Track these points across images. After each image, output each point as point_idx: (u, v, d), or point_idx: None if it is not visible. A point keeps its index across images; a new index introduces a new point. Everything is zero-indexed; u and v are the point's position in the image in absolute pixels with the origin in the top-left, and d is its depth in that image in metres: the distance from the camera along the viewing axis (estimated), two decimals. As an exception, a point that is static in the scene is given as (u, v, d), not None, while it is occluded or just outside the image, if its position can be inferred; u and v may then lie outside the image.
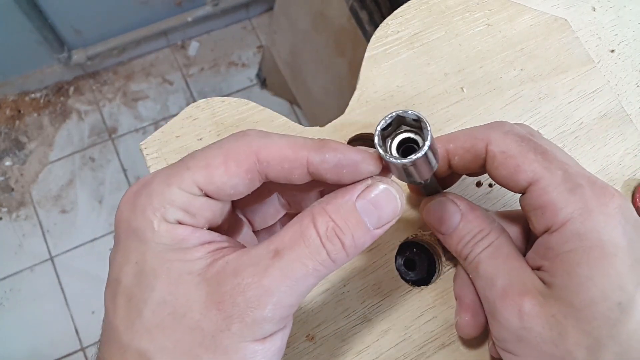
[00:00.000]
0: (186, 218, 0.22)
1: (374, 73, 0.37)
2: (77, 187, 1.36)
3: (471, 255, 0.29)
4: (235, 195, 0.23)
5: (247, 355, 0.21)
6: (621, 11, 0.42)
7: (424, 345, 0.32)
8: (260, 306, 0.20)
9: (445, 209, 0.29)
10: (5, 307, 1.26)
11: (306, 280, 0.21)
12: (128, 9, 1.29)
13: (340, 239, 0.21)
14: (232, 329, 0.21)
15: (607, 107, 0.38)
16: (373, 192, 0.22)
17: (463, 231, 0.29)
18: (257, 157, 0.22)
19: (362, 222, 0.22)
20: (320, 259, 0.21)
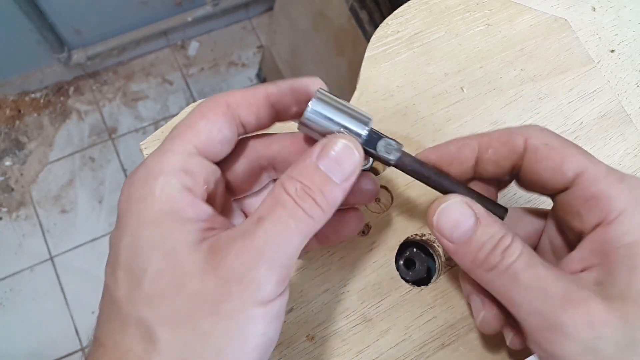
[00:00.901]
0: (186, 179, 0.23)
1: (374, 73, 0.37)
2: (77, 187, 1.36)
3: (502, 265, 0.25)
4: (224, 142, 0.25)
5: (249, 319, 0.22)
6: (621, 11, 0.42)
7: (424, 345, 0.32)
8: (254, 266, 0.21)
9: (462, 212, 0.26)
10: (5, 307, 1.26)
11: (291, 238, 0.22)
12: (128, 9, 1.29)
13: (311, 197, 0.23)
14: (233, 293, 0.21)
15: (607, 107, 0.38)
16: (331, 149, 0.24)
17: (484, 237, 0.26)
18: (226, 103, 0.25)
19: (328, 178, 0.23)
20: (298, 216, 0.22)
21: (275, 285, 0.22)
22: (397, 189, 0.35)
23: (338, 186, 0.24)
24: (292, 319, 0.32)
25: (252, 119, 0.26)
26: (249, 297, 0.21)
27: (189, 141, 0.24)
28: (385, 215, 0.34)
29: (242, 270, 0.21)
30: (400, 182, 0.35)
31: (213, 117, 0.25)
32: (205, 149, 0.24)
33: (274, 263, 0.22)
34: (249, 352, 0.22)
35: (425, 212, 0.35)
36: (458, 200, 0.26)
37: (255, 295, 0.22)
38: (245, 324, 0.21)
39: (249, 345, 0.22)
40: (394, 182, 0.35)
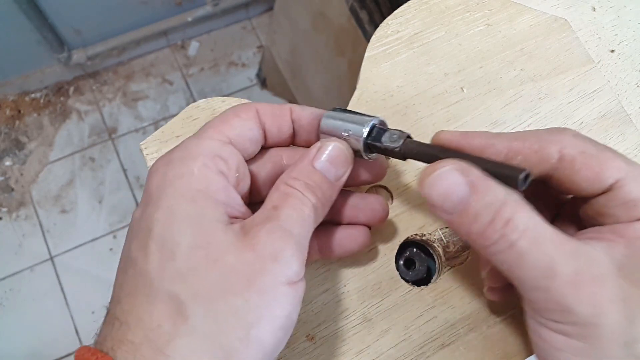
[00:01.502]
0: (221, 164, 0.25)
1: (374, 73, 0.37)
2: (77, 187, 1.36)
3: (503, 242, 0.23)
4: (253, 141, 0.27)
5: (278, 297, 0.22)
6: (621, 11, 0.42)
7: (424, 345, 0.32)
8: (285, 245, 0.23)
9: (453, 180, 0.24)
10: (5, 307, 1.26)
11: (308, 222, 0.24)
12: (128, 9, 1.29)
13: (315, 194, 0.25)
14: (267, 269, 0.22)
15: (607, 107, 0.38)
16: (325, 152, 0.26)
17: (478, 207, 0.23)
18: (255, 109, 0.28)
19: (324, 178, 0.26)
20: (309, 206, 0.25)
21: (300, 266, 0.23)
22: (397, 189, 0.35)
23: (333, 185, 0.26)
24: (292, 319, 0.32)
25: (275, 129, 0.28)
26: (281, 275, 0.22)
27: (224, 132, 0.26)
28: (385, 215, 0.34)
29: (275, 248, 0.23)
30: (400, 182, 0.35)
31: (245, 116, 0.27)
32: (237, 142, 0.26)
33: (299, 244, 0.23)
34: (276, 330, 0.22)
35: (425, 212, 0.35)
36: (448, 167, 0.24)
37: (286, 273, 0.23)
38: (275, 302, 0.22)
39: (276, 323, 0.22)
40: (394, 182, 0.35)
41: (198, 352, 0.21)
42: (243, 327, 0.21)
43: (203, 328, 0.21)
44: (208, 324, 0.21)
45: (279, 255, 0.23)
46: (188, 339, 0.21)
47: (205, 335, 0.21)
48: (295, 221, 0.24)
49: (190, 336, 0.21)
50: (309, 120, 0.29)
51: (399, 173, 0.35)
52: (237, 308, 0.22)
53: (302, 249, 0.24)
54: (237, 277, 0.22)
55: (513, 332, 0.33)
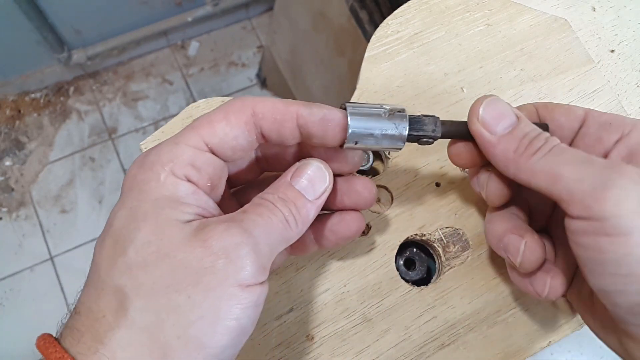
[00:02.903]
0: (192, 172, 0.24)
1: (374, 73, 0.37)
2: (77, 187, 1.36)
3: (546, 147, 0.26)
4: (236, 149, 0.25)
5: (226, 297, 0.22)
6: (621, 11, 0.42)
7: (423, 345, 0.32)
8: (240, 244, 0.22)
9: (504, 106, 0.28)
10: (5, 307, 1.26)
11: (273, 230, 0.24)
12: (128, 9, 1.29)
13: (288, 208, 0.25)
14: (217, 267, 0.22)
15: (607, 107, 0.38)
16: (304, 170, 0.26)
17: (527, 128, 0.27)
18: (253, 110, 0.25)
19: (300, 195, 0.25)
20: (278, 217, 0.24)
21: (256, 270, 0.22)
22: (397, 189, 0.35)
23: (310, 202, 0.26)
24: (292, 319, 0.32)
25: (274, 135, 0.26)
26: (231, 275, 0.22)
27: (204, 138, 0.25)
28: (385, 215, 0.34)
29: (228, 246, 0.22)
30: (400, 182, 0.35)
31: (234, 121, 0.25)
32: (217, 149, 0.25)
33: (257, 247, 0.23)
34: (219, 334, 0.22)
35: (425, 212, 0.35)
36: (501, 99, 0.28)
37: (237, 274, 0.22)
38: (220, 302, 0.22)
39: (219, 326, 0.22)
40: (394, 182, 0.35)
41: (135, 345, 0.21)
42: (182, 324, 0.21)
43: (142, 321, 0.21)
44: (147, 318, 0.21)
45: (231, 254, 0.22)
46: (126, 330, 0.21)
47: (143, 329, 0.21)
48: (259, 225, 0.23)
49: (128, 328, 0.21)
50: (320, 127, 0.25)
51: (399, 173, 0.35)
52: (178, 304, 0.21)
53: (261, 254, 0.23)
54: (184, 273, 0.22)
55: (513, 332, 0.33)
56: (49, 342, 0.22)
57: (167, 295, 0.21)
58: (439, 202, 0.35)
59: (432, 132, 0.28)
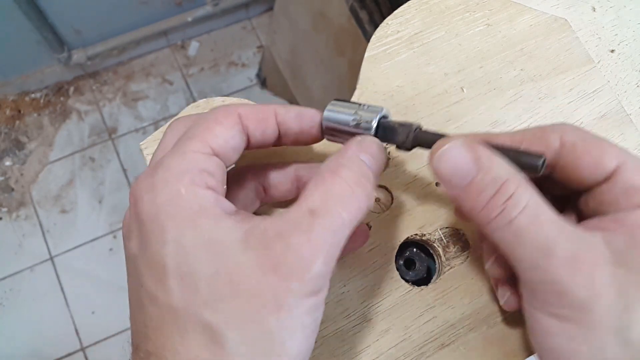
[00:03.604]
0: (209, 179, 0.23)
1: (374, 73, 0.37)
2: (77, 187, 1.36)
3: (502, 218, 0.24)
4: (236, 149, 0.26)
5: (307, 309, 0.22)
6: (621, 11, 0.42)
7: (424, 345, 0.32)
8: (314, 262, 0.22)
9: (461, 155, 0.25)
10: (5, 307, 1.26)
11: (343, 230, 0.23)
12: (128, 9, 1.29)
13: (364, 188, 0.24)
14: (292, 288, 0.21)
15: (607, 107, 0.38)
16: (370, 146, 0.25)
17: (483, 181, 0.24)
18: (238, 113, 0.26)
19: (369, 172, 0.25)
20: (352, 209, 0.23)
21: (325, 277, 0.23)
22: (397, 189, 0.35)
23: (372, 181, 0.25)
24: (292, 319, 0.32)
25: (258, 133, 0.27)
26: (308, 290, 0.22)
27: (207, 143, 0.24)
28: (385, 215, 0.34)
29: (302, 267, 0.22)
30: (400, 182, 0.35)
31: (228, 123, 0.25)
32: (220, 152, 0.25)
33: (329, 256, 0.22)
34: (308, 337, 0.23)
35: (425, 212, 0.35)
36: (458, 143, 0.25)
37: (310, 287, 0.22)
38: (302, 315, 0.22)
39: (305, 333, 0.22)
40: (394, 182, 0.35)
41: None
42: (280, 343, 0.22)
43: (241, 352, 0.21)
44: (245, 348, 0.21)
45: (305, 274, 0.22)
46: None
47: (246, 358, 0.21)
48: (331, 233, 0.22)
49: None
50: (295, 122, 0.28)
51: (399, 173, 0.35)
52: (270, 328, 0.21)
53: (332, 259, 0.23)
54: (264, 299, 0.22)
55: (513, 332, 0.33)
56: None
57: (256, 322, 0.21)
58: (439, 202, 0.35)
59: (401, 143, 0.27)
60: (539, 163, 0.24)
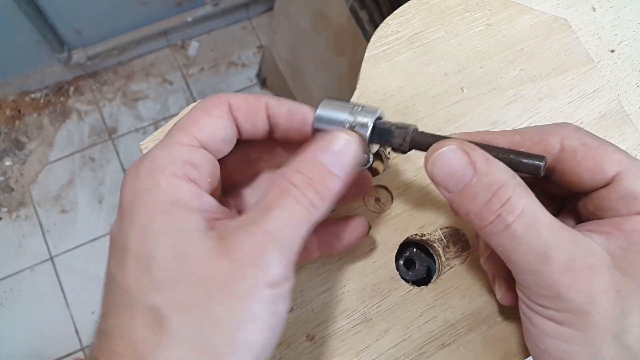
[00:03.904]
0: (190, 170, 0.24)
1: (374, 73, 0.37)
2: (77, 187, 1.36)
3: (498, 223, 0.24)
4: (226, 140, 0.26)
5: (260, 299, 0.22)
6: (621, 11, 0.42)
7: (424, 345, 0.32)
8: (267, 249, 0.22)
9: (456, 158, 0.24)
10: (5, 307, 1.26)
11: (299, 224, 0.23)
12: (128, 9, 1.29)
13: (313, 187, 0.24)
14: (246, 275, 0.22)
15: (607, 107, 0.38)
16: (332, 144, 0.25)
17: (478, 186, 0.24)
18: (228, 103, 0.26)
19: (329, 172, 0.24)
20: (304, 205, 0.23)
21: (284, 268, 0.23)
22: (397, 189, 0.35)
23: (338, 178, 0.24)
24: (292, 319, 0.32)
25: (249, 125, 0.26)
26: (261, 279, 0.22)
27: (194, 135, 0.25)
28: (385, 215, 0.34)
29: (255, 253, 0.22)
30: (400, 182, 0.35)
31: (217, 114, 0.25)
32: (208, 144, 0.25)
33: (284, 247, 0.22)
34: (262, 330, 0.22)
35: (425, 212, 0.35)
36: (454, 146, 0.25)
37: (266, 277, 0.22)
38: (256, 305, 0.22)
39: (258, 325, 0.22)
40: (394, 182, 0.35)
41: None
42: (227, 332, 0.21)
43: (185, 337, 0.21)
44: (189, 334, 0.21)
45: (259, 261, 0.22)
46: (170, 348, 0.21)
47: (188, 344, 0.21)
48: (283, 222, 0.23)
49: (172, 345, 0.21)
50: (286, 118, 0.27)
51: (399, 173, 0.35)
52: (217, 316, 0.21)
53: (288, 250, 0.23)
54: (215, 286, 0.22)
55: (513, 332, 0.33)
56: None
57: (204, 308, 0.21)
58: (439, 202, 0.35)
59: (398, 146, 0.26)
60: (541, 165, 0.24)
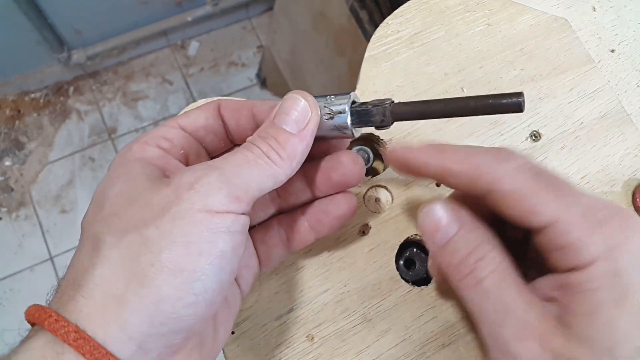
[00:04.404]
0: (163, 142, 0.27)
1: (374, 73, 0.37)
2: (77, 187, 1.36)
3: (472, 278, 0.25)
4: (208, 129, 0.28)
5: (195, 222, 0.22)
6: (621, 11, 0.42)
7: (424, 345, 0.32)
8: (206, 176, 0.23)
9: (442, 215, 0.27)
10: (5, 307, 1.26)
11: (249, 166, 0.24)
12: (128, 9, 1.29)
13: (267, 142, 0.25)
14: (182, 197, 0.22)
15: (608, 107, 0.38)
16: (282, 105, 0.26)
17: (460, 242, 0.26)
18: (218, 103, 0.29)
19: (281, 129, 0.26)
20: (255, 154, 0.25)
21: (226, 197, 0.23)
22: (397, 189, 0.35)
23: (295, 136, 0.26)
24: (292, 319, 0.32)
25: (233, 123, 0.29)
26: (196, 202, 0.22)
27: (177, 121, 0.28)
28: (385, 215, 0.34)
29: (193, 179, 0.23)
30: (400, 182, 0.35)
31: (204, 108, 0.29)
32: (188, 128, 0.28)
33: (225, 177, 0.23)
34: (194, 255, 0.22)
35: (426, 212, 0.35)
36: (442, 204, 0.27)
37: (203, 200, 0.22)
38: (189, 227, 0.22)
39: (193, 249, 0.22)
40: (394, 182, 0.35)
41: (111, 279, 0.21)
42: (154, 252, 0.21)
43: (115, 257, 0.22)
44: (119, 254, 0.22)
45: (195, 184, 0.22)
46: (100, 268, 0.22)
47: (117, 264, 0.22)
48: (231, 162, 0.24)
49: (102, 266, 0.22)
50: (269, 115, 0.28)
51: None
52: (148, 236, 0.22)
53: (232, 183, 0.23)
54: (151, 210, 0.22)
55: (513, 332, 0.33)
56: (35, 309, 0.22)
57: (136, 230, 0.22)
58: (439, 202, 0.35)
59: (380, 122, 0.27)
60: (520, 101, 0.24)
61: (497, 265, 0.25)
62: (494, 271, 0.25)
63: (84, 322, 0.21)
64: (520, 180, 0.24)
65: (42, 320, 0.21)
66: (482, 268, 0.25)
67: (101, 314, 0.21)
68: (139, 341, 0.21)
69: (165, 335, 0.22)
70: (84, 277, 0.22)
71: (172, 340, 0.22)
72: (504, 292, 0.25)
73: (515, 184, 0.24)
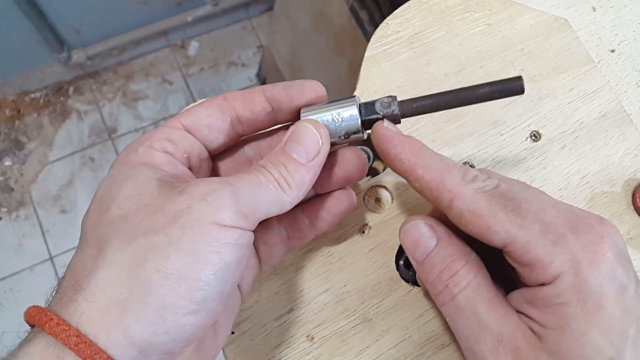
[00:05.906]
0: (168, 145, 0.26)
1: (374, 73, 0.37)
2: (77, 187, 1.36)
3: (446, 293, 0.26)
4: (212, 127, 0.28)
5: (203, 232, 0.22)
6: (621, 11, 0.42)
7: (424, 345, 0.32)
8: (221, 189, 0.23)
9: (422, 232, 0.28)
10: (5, 307, 1.26)
11: (259, 188, 0.24)
12: (128, 9, 1.29)
13: (278, 169, 0.25)
14: (193, 208, 0.22)
15: (607, 107, 0.38)
16: (294, 133, 0.27)
17: (437, 257, 0.27)
18: (224, 97, 0.28)
19: (292, 158, 0.26)
20: (266, 178, 0.25)
21: (235, 214, 0.23)
22: (397, 189, 0.35)
23: (303, 166, 0.26)
24: (292, 319, 0.32)
25: (247, 112, 0.28)
26: (207, 214, 0.22)
27: (179, 120, 0.28)
28: (385, 215, 0.34)
29: (206, 191, 0.23)
30: (401, 182, 0.35)
31: (207, 105, 0.28)
32: (192, 128, 0.28)
33: (237, 194, 0.23)
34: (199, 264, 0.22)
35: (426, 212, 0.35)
36: (422, 221, 0.28)
37: (213, 214, 0.22)
38: (198, 237, 0.22)
39: (199, 258, 0.22)
40: (394, 182, 0.35)
41: (114, 283, 0.21)
42: (160, 259, 0.21)
43: (120, 261, 0.22)
44: (126, 257, 0.22)
45: (208, 197, 0.23)
46: (104, 271, 0.22)
47: (122, 268, 0.21)
48: (244, 181, 0.24)
49: (106, 269, 0.22)
50: (284, 93, 0.28)
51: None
52: (156, 243, 0.22)
53: (241, 201, 0.23)
54: (161, 216, 0.22)
55: (513, 332, 0.33)
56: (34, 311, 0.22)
57: (145, 236, 0.22)
58: (439, 202, 0.35)
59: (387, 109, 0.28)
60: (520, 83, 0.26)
61: (470, 281, 0.26)
62: (467, 287, 0.26)
63: (85, 325, 0.21)
64: (479, 200, 0.25)
65: (42, 323, 0.21)
66: (455, 284, 0.26)
67: (104, 319, 0.21)
68: (140, 347, 0.21)
69: (166, 343, 0.22)
70: (87, 279, 0.22)
71: (172, 348, 0.22)
72: (478, 308, 0.25)
73: (474, 204, 0.25)
